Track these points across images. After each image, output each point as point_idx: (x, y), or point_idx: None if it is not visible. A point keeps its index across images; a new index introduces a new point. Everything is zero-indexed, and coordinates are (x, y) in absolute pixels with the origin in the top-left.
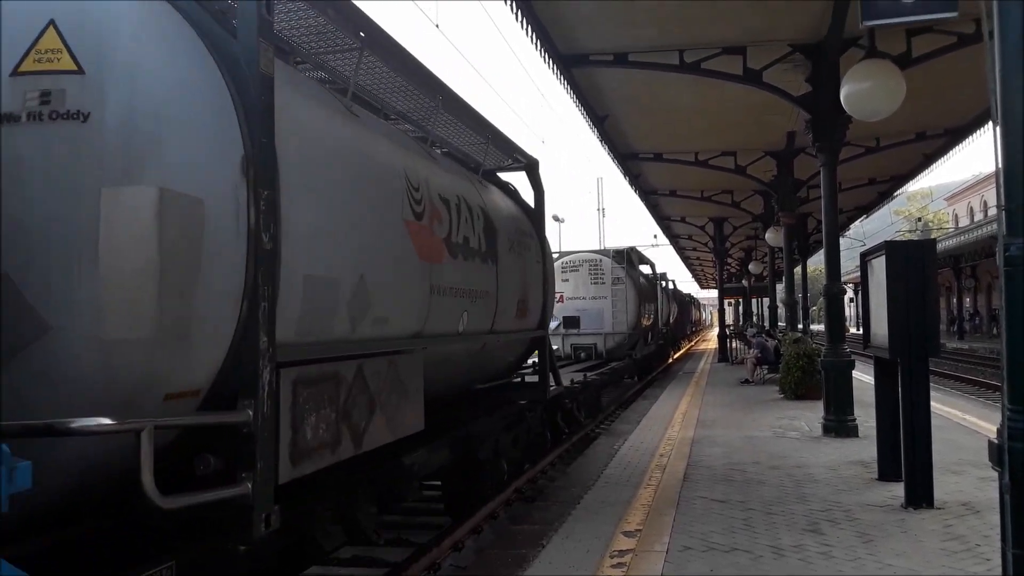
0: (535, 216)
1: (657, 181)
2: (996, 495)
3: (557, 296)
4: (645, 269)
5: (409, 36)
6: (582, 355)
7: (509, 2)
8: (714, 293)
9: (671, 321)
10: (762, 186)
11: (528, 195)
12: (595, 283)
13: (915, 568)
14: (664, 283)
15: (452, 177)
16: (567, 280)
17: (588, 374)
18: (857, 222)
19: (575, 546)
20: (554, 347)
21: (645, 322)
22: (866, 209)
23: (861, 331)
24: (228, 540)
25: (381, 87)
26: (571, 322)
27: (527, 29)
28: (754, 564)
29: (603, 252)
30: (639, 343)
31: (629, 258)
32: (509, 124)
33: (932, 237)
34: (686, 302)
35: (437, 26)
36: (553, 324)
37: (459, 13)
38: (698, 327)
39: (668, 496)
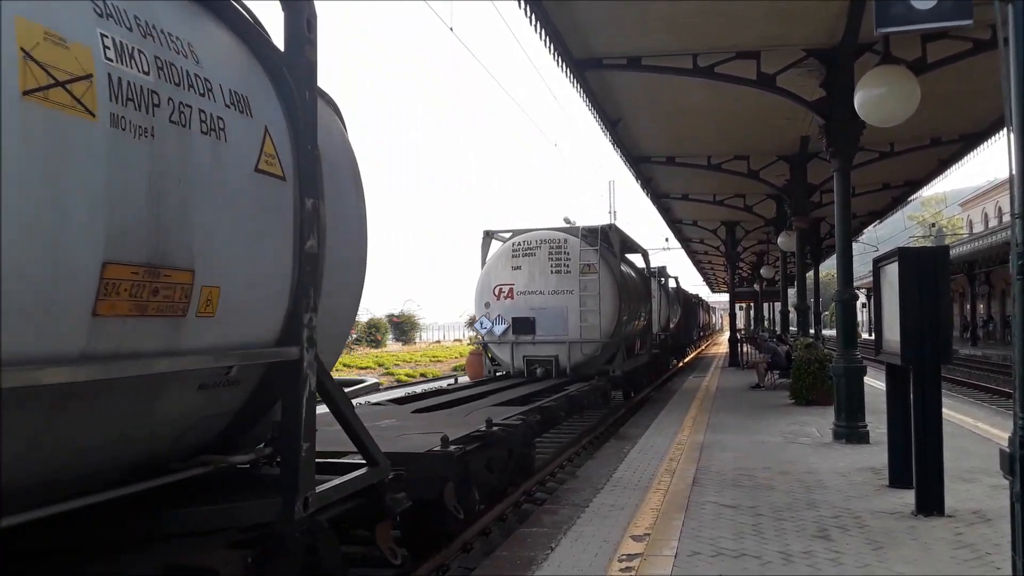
0: None
1: (669, 185)
2: (1008, 503)
3: (505, 290)
4: (637, 261)
5: (423, 39)
6: (537, 371)
7: (523, 6)
8: (725, 297)
9: (672, 326)
10: (775, 190)
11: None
12: (557, 272)
13: None
14: (663, 279)
15: None
16: (518, 268)
17: (510, 415)
18: (870, 227)
19: (584, 549)
20: (502, 357)
21: (631, 327)
22: (880, 214)
23: (873, 337)
24: None
25: None
26: (523, 326)
27: (541, 33)
28: (763, 570)
29: (569, 230)
30: (620, 355)
31: (606, 237)
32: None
33: (946, 243)
34: (692, 304)
35: (451, 29)
36: (499, 328)
37: (473, 16)
38: (707, 331)
39: (677, 500)
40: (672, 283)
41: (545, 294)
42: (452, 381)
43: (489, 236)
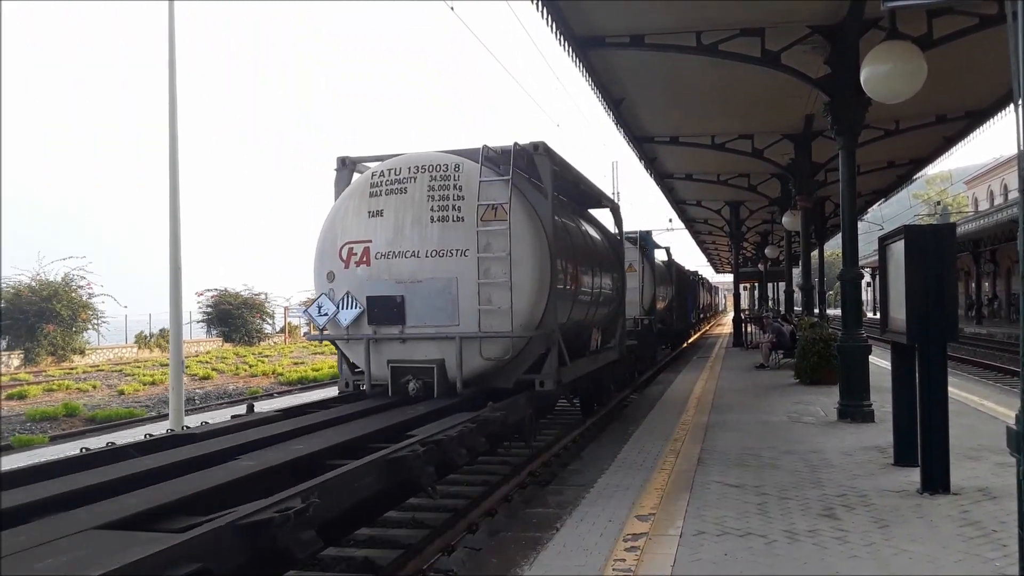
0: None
1: (673, 165)
2: (1013, 481)
3: (357, 252)
4: (606, 220)
5: (423, 18)
6: (410, 386)
7: None
8: (729, 277)
9: (662, 307)
10: (779, 169)
11: None
12: (442, 219)
13: (931, 553)
14: (646, 248)
15: None
16: (379, 214)
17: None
18: (875, 206)
19: (589, 529)
20: (356, 362)
21: (583, 310)
22: (885, 193)
23: (878, 316)
24: None
25: None
26: (385, 310)
27: (543, 11)
28: (768, 548)
29: (466, 152)
30: (553, 356)
31: (528, 163)
32: (524, 108)
33: (951, 221)
34: (690, 281)
35: (452, 8)
36: (347, 315)
37: None
38: (710, 312)
39: (682, 480)
40: (661, 255)
41: (421, 257)
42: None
43: (347, 166)
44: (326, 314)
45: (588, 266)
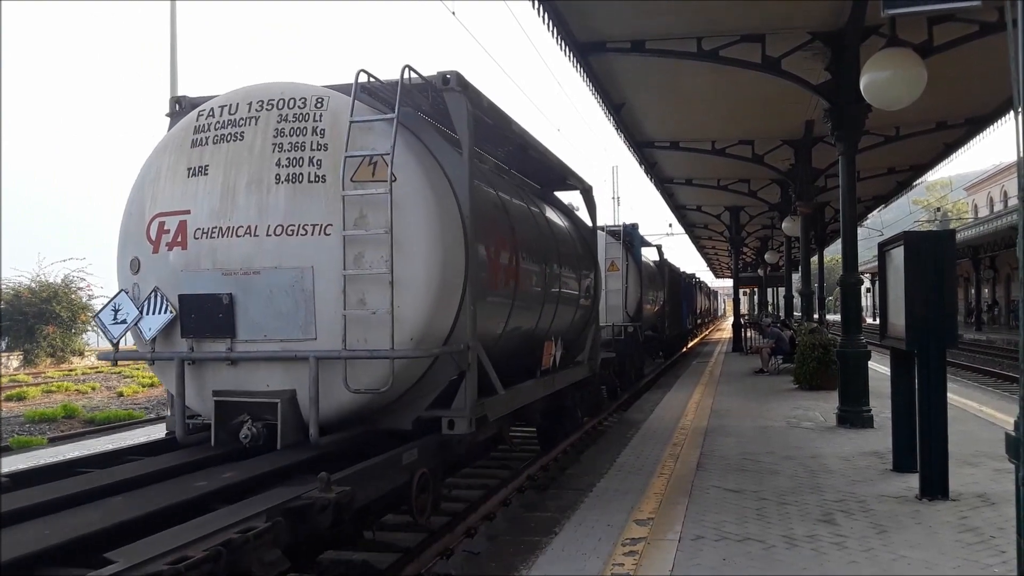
0: None
1: (673, 169)
2: (1012, 487)
3: (170, 229)
4: (576, 206)
5: (425, 23)
6: (244, 432)
7: None
8: (729, 282)
9: (650, 312)
10: (779, 175)
11: None
12: (292, 177)
13: (929, 559)
14: (632, 244)
15: None
16: (202, 172)
17: None
18: (875, 212)
19: (587, 533)
20: (170, 391)
21: (529, 316)
22: (885, 199)
23: (878, 321)
24: None
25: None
26: (206, 317)
27: (544, 16)
28: (767, 554)
29: (339, 87)
30: (467, 381)
31: (440, 107)
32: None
33: (951, 227)
34: (686, 285)
35: (453, 13)
36: (152, 324)
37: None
38: (708, 318)
39: (681, 485)
40: (652, 253)
41: (260, 235)
42: None
43: (184, 109)
44: (123, 321)
45: (540, 258)
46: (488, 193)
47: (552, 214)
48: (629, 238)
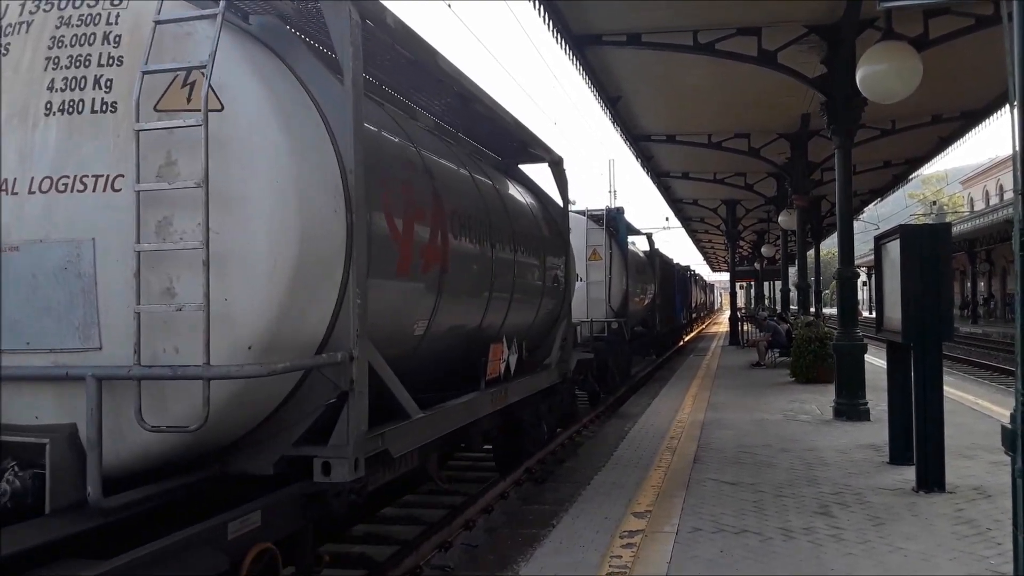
0: None
1: (670, 163)
2: (1008, 480)
3: None
4: (536, 180)
5: (419, 15)
6: (4, 484)
7: None
8: (726, 275)
9: (638, 306)
10: (776, 168)
11: None
12: (70, 106)
13: (925, 551)
14: (616, 230)
15: None
16: None
17: None
18: (871, 205)
19: (585, 526)
20: None
21: (472, 311)
22: (881, 192)
23: (874, 315)
24: None
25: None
26: None
27: (540, 9)
28: (764, 546)
29: None
30: (352, 404)
31: (315, 20)
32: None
33: (947, 221)
34: (680, 277)
35: (449, 6)
36: None
37: None
38: (704, 312)
39: (678, 478)
40: (642, 243)
41: (21, 193)
42: None
43: None
44: None
45: (484, 236)
46: (401, 147)
47: (512, 189)
48: (613, 223)
